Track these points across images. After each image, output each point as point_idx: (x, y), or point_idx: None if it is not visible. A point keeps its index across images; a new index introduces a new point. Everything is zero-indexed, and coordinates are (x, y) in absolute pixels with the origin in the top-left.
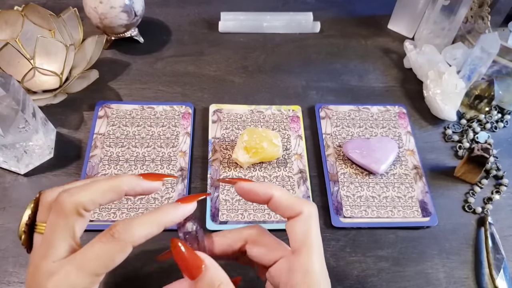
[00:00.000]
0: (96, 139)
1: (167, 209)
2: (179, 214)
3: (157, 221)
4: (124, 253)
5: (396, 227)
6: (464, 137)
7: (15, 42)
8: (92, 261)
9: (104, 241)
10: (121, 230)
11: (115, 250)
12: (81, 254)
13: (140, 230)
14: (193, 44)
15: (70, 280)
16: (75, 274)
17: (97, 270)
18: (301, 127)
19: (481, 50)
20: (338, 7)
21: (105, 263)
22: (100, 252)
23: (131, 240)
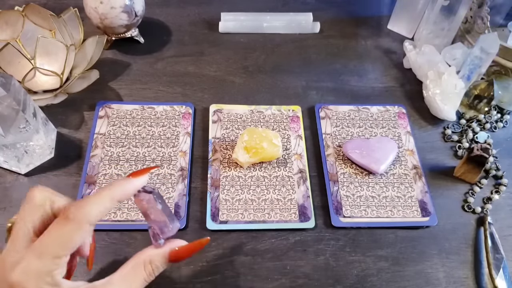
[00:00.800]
0: (97, 139)
1: (117, 184)
2: (131, 188)
3: (109, 197)
4: (82, 232)
5: (396, 227)
6: (463, 137)
7: (16, 42)
8: (51, 245)
9: (60, 223)
10: (75, 211)
11: (72, 230)
12: (40, 241)
13: (93, 208)
14: (193, 45)
15: (32, 267)
16: (36, 260)
17: (57, 253)
18: (301, 127)
19: (481, 50)
20: (338, 8)
21: (63, 245)
22: (57, 235)
23: (86, 219)
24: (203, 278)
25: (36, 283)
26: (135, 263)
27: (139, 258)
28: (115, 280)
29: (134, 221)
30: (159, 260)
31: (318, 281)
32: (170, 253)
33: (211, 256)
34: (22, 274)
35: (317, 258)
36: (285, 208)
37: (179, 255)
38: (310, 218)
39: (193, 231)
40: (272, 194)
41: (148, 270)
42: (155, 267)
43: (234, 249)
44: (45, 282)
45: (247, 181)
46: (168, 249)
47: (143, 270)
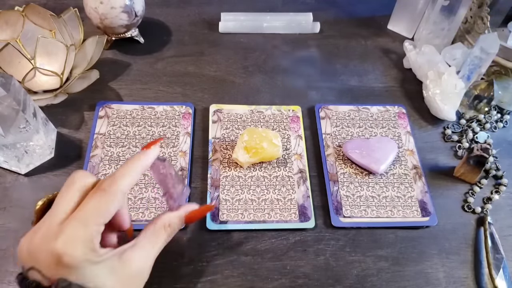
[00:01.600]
0: (97, 139)
1: (138, 157)
2: (149, 158)
3: (134, 169)
4: (117, 202)
5: (396, 226)
6: (463, 137)
7: (16, 42)
8: (92, 214)
9: (98, 195)
10: (110, 183)
11: (109, 200)
12: (79, 210)
13: (124, 180)
14: (193, 45)
15: (77, 234)
16: (80, 228)
17: (97, 221)
18: (301, 127)
19: (481, 50)
20: (338, 8)
21: (103, 214)
22: (97, 205)
23: (119, 190)
24: (203, 278)
25: (82, 249)
26: (157, 226)
27: (160, 221)
28: (141, 242)
29: (135, 221)
30: (176, 222)
31: (318, 281)
32: (186, 216)
33: (211, 256)
34: (68, 242)
35: (317, 258)
36: (285, 208)
37: (193, 217)
38: (310, 218)
39: (193, 231)
40: (272, 194)
41: (168, 232)
42: (172, 228)
43: (234, 249)
44: (89, 248)
45: (247, 181)
46: (183, 212)
47: (163, 232)
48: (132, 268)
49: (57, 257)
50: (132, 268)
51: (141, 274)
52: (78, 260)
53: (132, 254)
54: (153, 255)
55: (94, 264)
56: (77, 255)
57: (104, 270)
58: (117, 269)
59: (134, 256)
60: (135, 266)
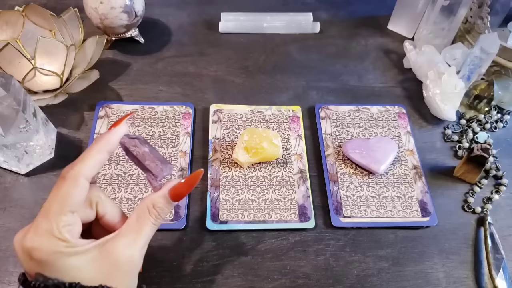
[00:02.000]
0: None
1: (103, 137)
2: (114, 137)
3: (96, 150)
4: (78, 187)
5: (396, 227)
6: (463, 137)
7: (16, 43)
8: (53, 204)
9: (58, 184)
10: (68, 169)
11: (70, 187)
12: (44, 205)
13: (85, 163)
14: (193, 45)
15: (40, 228)
16: (43, 221)
17: (60, 209)
18: (301, 127)
19: (481, 50)
20: (338, 8)
21: (65, 202)
22: (57, 194)
23: (80, 174)
24: (203, 278)
25: (48, 242)
26: (139, 210)
27: (142, 204)
28: (124, 231)
29: None
30: (161, 202)
31: (318, 281)
32: (170, 192)
33: (211, 256)
34: (33, 238)
35: (317, 258)
36: (285, 208)
37: (178, 192)
38: (310, 218)
39: (193, 231)
40: (272, 194)
41: (154, 214)
42: (159, 209)
43: (234, 249)
44: (55, 239)
45: (247, 181)
46: (167, 189)
47: (148, 215)
48: (116, 256)
49: (28, 253)
50: (117, 257)
51: (128, 262)
52: (46, 252)
53: (115, 243)
54: (140, 242)
55: (69, 255)
56: (45, 248)
57: (82, 261)
58: (99, 260)
59: (117, 245)
60: (119, 254)
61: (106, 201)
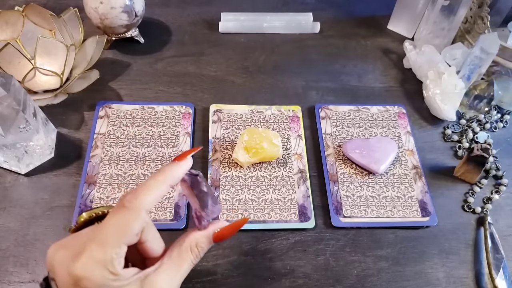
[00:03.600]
0: (97, 139)
1: (168, 169)
2: (180, 171)
3: (162, 182)
4: (139, 220)
5: (396, 227)
6: (463, 137)
7: (16, 42)
8: (111, 233)
9: (118, 212)
10: (131, 199)
11: (130, 219)
12: (99, 230)
13: (148, 195)
14: (193, 45)
15: (95, 257)
16: (98, 250)
17: (117, 241)
18: (301, 127)
19: (481, 50)
20: (338, 8)
21: (123, 233)
22: (116, 223)
23: (142, 206)
24: (203, 278)
25: (101, 273)
26: (182, 247)
27: (185, 241)
28: (165, 265)
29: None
30: (204, 242)
31: (318, 281)
32: (214, 234)
33: (211, 256)
34: (86, 266)
35: (317, 258)
36: (285, 208)
37: (222, 235)
38: (310, 218)
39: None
40: (272, 194)
41: (195, 253)
42: (201, 249)
43: (234, 249)
44: (108, 272)
45: (247, 181)
46: (212, 231)
47: (190, 253)
48: None
49: (75, 279)
50: None
51: None
52: (96, 284)
53: (156, 277)
54: (178, 279)
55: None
56: (95, 279)
57: None
58: None
59: (158, 280)
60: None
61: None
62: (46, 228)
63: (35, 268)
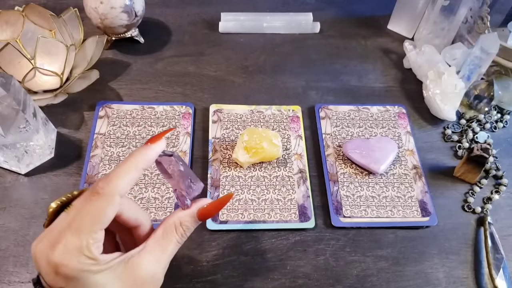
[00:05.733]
0: (97, 139)
1: (139, 153)
2: (152, 153)
3: (134, 166)
4: (114, 205)
5: (396, 227)
6: (463, 137)
7: (16, 42)
8: (85, 221)
9: (91, 199)
10: (104, 185)
11: (104, 205)
12: (73, 218)
13: (121, 180)
14: (193, 45)
15: (71, 245)
16: (74, 237)
17: (92, 227)
18: (301, 127)
19: (481, 50)
20: (338, 7)
21: (98, 220)
22: (91, 210)
23: (116, 191)
24: (203, 278)
25: (77, 259)
26: (166, 227)
27: (169, 221)
28: (149, 246)
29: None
30: (188, 221)
31: (318, 281)
32: (198, 212)
33: (211, 256)
34: (63, 254)
35: (317, 258)
36: (285, 208)
37: (207, 213)
38: (310, 218)
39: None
40: (272, 194)
41: (180, 232)
42: (186, 228)
43: (234, 249)
44: (85, 257)
45: (247, 181)
46: (196, 209)
47: (174, 233)
48: (141, 273)
49: (54, 267)
50: (141, 274)
51: (152, 279)
52: (75, 270)
53: (140, 259)
54: (164, 259)
55: (95, 273)
56: (73, 266)
57: (107, 278)
58: (123, 276)
59: (142, 261)
60: (144, 271)
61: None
62: None
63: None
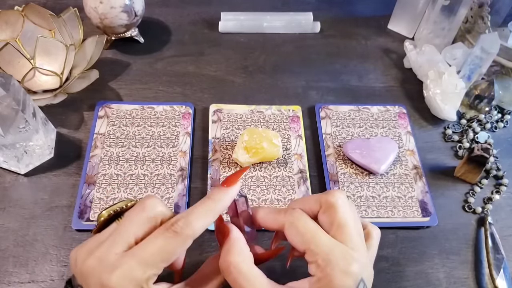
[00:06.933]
0: (96, 139)
1: (219, 196)
2: (229, 198)
3: (213, 211)
4: (185, 246)
5: (396, 227)
6: (464, 137)
7: (16, 42)
8: (154, 254)
9: (167, 236)
10: (183, 225)
11: (177, 244)
12: (142, 248)
13: (199, 224)
14: (193, 44)
15: (133, 273)
16: (138, 267)
17: (159, 263)
18: (301, 127)
19: (481, 50)
20: (338, 7)
21: (167, 257)
22: (163, 246)
23: (192, 234)
24: None
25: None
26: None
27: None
28: (194, 283)
29: None
30: None
31: None
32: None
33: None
34: (121, 280)
35: None
36: None
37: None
38: None
39: None
40: (272, 194)
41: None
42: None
43: None
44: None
45: (247, 181)
46: None
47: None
48: None
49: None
50: None
51: None
52: None
53: None
54: None
55: None
56: None
57: None
58: None
59: None
60: None
61: None
62: (46, 228)
63: (35, 268)
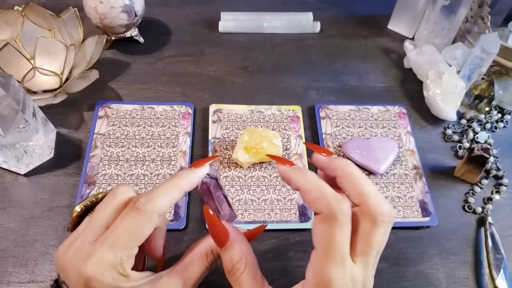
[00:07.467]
0: (96, 139)
1: (184, 174)
2: (196, 177)
3: (177, 188)
4: (151, 224)
5: (396, 227)
6: (464, 137)
7: (15, 42)
8: (122, 236)
9: (131, 215)
10: (145, 202)
11: (142, 222)
12: (111, 232)
13: (162, 199)
14: (193, 44)
15: (105, 259)
16: (109, 252)
17: (129, 244)
18: (301, 127)
19: (481, 50)
20: (338, 7)
21: (135, 236)
22: (128, 226)
23: (155, 210)
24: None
25: (110, 274)
26: (197, 253)
27: (201, 247)
28: (178, 270)
29: None
30: None
31: None
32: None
33: None
34: (96, 267)
35: None
36: (285, 209)
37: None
38: (310, 218)
39: (193, 231)
40: (272, 195)
41: (210, 259)
42: (216, 255)
43: None
44: (118, 273)
45: (247, 181)
46: None
47: (205, 259)
48: None
49: (85, 280)
50: None
51: None
52: (107, 286)
53: (168, 281)
54: (192, 284)
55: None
56: (107, 281)
57: None
58: None
59: (170, 283)
60: None
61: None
62: (46, 229)
63: (35, 268)
